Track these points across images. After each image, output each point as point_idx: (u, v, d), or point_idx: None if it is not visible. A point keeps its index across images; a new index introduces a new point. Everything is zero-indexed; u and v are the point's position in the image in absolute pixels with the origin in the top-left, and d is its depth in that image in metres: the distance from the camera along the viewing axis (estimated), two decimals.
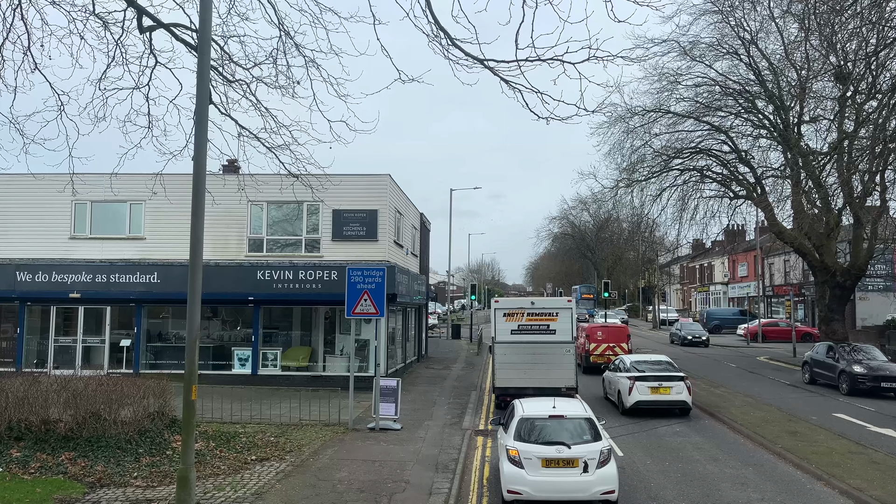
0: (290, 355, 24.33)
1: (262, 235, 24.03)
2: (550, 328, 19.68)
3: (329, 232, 23.67)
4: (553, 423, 10.91)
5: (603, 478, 10.26)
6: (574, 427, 10.87)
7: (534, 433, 10.81)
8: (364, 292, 16.76)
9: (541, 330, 19.70)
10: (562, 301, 21.58)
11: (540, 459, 10.35)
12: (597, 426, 11.03)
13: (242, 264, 23.44)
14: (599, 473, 10.26)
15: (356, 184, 23.93)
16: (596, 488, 10.21)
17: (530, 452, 10.42)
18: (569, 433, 10.73)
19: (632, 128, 32.68)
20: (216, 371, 23.53)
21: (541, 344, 19.52)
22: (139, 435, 13.19)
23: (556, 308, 20.20)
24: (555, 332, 19.61)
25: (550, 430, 10.81)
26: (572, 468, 10.30)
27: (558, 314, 19.86)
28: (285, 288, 23.05)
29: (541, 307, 20.24)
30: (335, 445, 14.73)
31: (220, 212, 23.63)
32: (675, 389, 18.63)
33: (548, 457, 10.36)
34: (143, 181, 21.96)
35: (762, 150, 32.75)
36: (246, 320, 24.31)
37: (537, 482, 10.25)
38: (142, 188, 22.66)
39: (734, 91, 31.83)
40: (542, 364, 19.29)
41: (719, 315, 59.29)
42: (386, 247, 23.63)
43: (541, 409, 11.34)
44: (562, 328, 19.67)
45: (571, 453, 10.34)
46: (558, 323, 19.71)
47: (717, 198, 35.25)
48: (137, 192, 22.81)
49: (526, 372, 19.20)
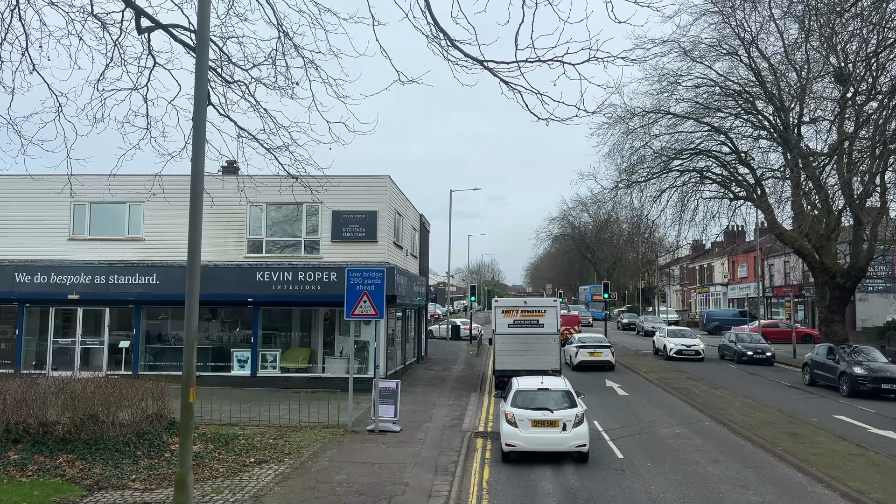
0: (290, 357, 24.29)
1: (262, 237, 23.99)
2: (539, 322, 23.59)
3: (328, 233, 23.63)
4: (541, 394, 14.11)
5: (577, 434, 13.41)
6: (557, 397, 14.06)
7: (526, 401, 13.95)
8: (363, 294, 16.72)
9: (532, 324, 23.59)
10: (549, 301, 26.09)
11: (530, 421, 13.49)
12: (573, 396, 14.21)
13: (241, 265, 23.40)
14: (575, 431, 13.40)
15: (356, 185, 23.91)
16: (571, 442, 13.39)
17: (523, 416, 13.56)
18: (553, 401, 13.90)
19: (632, 129, 32.72)
20: (215, 373, 23.49)
21: (532, 335, 23.40)
22: (137, 437, 13.14)
23: (545, 306, 24.29)
24: (543, 326, 23.52)
25: (538, 399, 13.97)
26: (554, 427, 13.43)
27: (546, 311, 23.87)
28: (284, 289, 23.02)
29: (532, 306, 24.34)
30: (334, 448, 14.68)
31: (219, 213, 23.58)
32: (604, 354, 29.91)
33: (536, 419, 13.51)
34: (142, 182, 21.94)
35: (762, 151, 32.79)
36: (245, 322, 24.27)
37: (528, 437, 13.42)
38: (141, 189, 22.61)
39: (734, 92, 31.82)
40: (533, 351, 23.08)
41: (719, 316, 59.15)
42: (385, 248, 23.59)
43: (532, 384, 14.64)
44: (549, 322, 23.59)
45: (553, 416, 13.50)
46: (546, 318, 23.63)
47: (717, 199, 35.26)
48: (136, 193, 22.78)
49: (520, 357, 22.85)
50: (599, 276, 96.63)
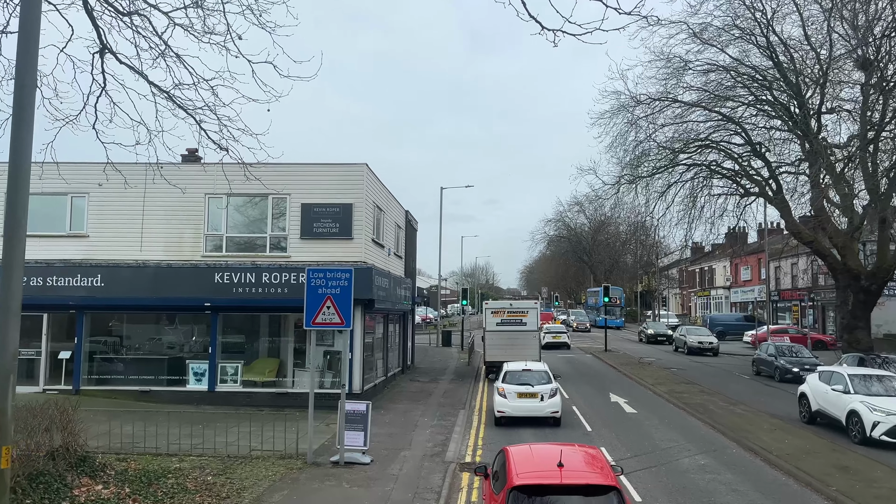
0: (255, 368, 21.45)
1: (222, 233, 21.15)
2: (523, 321, 27.38)
3: (297, 229, 20.83)
4: (525, 374, 18.51)
5: (552, 403, 17.77)
6: (537, 376, 18.51)
7: (513, 379, 18.35)
8: (326, 298, 13.97)
9: (516, 323, 27.35)
10: (531, 303, 30.12)
11: (516, 393, 17.81)
12: (550, 375, 18.71)
13: (198, 266, 20.58)
14: (550, 401, 17.75)
15: (328, 174, 21.15)
16: (548, 410, 17.72)
17: (510, 389, 17.92)
18: (534, 379, 18.30)
19: (636, 118, 29.93)
20: (169, 387, 20.71)
21: (516, 332, 27.11)
22: (29, 480, 10.32)
23: (527, 308, 28.26)
24: (526, 325, 27.33)
25: (523, 377, 18.34)
26: (534, 398, 17.75)
27: (528, 312, 27.74)
28: (247, 293, 20.23)
29: (516, 307, 28.38)
30: (285, 488, 11.91)
31: (175, 207, 20.94)
32: (562, 337, 43.75)
33: (520, 391, 17.83)
34: (89, 171, 19.24)
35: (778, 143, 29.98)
36: (203, 329, 21.43)
37: (514, 406, 17.73)
38: (87, 179, 19.91)
39: (748, 78, 29.09)
40: (517, 346, 26.39)
41: (723, 321, 56.46)
42: (362, 246, 20.81)
43: (518, 367, 19.17)
44: (531, 321, 27.45)
45: (534, 390, 17.83)
46: (528, 318, 27.48)
47: (727, 195, 32.52)
48: (81, 183, 20.05)
49: (506, 350, 25.92)
50: (596, 279, 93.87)
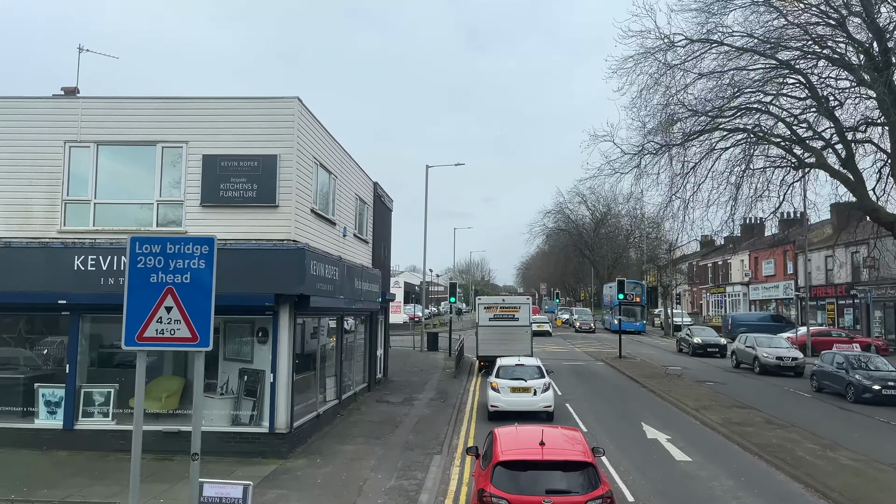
0: (150, 393, 14.92)
1: (89, 198, 14.52)
2: (515, 317, 27.99)
3: (197, 192, 14.21)
4: (518, 368, 19.27)
5: (545, 398, 18.41)
6: (530, 371, 19.18)
7: (507, 373, 18.99)
8: (166, 291, 7.51)
9: (509, 318, 27.91)
10: (523, 299, 30.43)
11: (509, 387, 18.49)
12: (543, 370, 19.28)
13: (52, 245, 14.03)
14: (542, 396, 18.42)
15: (243, 113, 14.56)
16: (541, 404, 18.29)
17: (504, 384, 18.61)
18: (527, 373, 19.02)
19: (670, 64, 23.35)
20: (8, 423, 14.16)
21: (509, 327, 27.70)
22: None
23: (519, 304, 28.85)
24: (518, 320, 27.92)
25: (516, 372, 19.03)
26: (527, 393, 18.41)
27: (520, 307, 28.41)
28: (122, 285, 13.68)
29: (509, 303, 28.99)
30: None
31: (20, 158, 14.40)
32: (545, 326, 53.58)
33: (514, 386, 18.52)
34: None
35: (856, 98, 23.43)
36: (58, 339, 14.85)
37: (507, 400, 18.37)
38: None
39: (816, 13, 22.61)
40: (509, 340, 27.02)
41: (746, 320, 49.68)
42: (291, 216, 14.19)
43: (511, 361, 19.98)
44: (523, 317, 28.09)
45: (527, 384, 18.54)
46: (520, 313, 28.11)
47: (774, 167, 26.13)
48: None
49: (499, 345, 26.61)
50: (598, 274, 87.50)
